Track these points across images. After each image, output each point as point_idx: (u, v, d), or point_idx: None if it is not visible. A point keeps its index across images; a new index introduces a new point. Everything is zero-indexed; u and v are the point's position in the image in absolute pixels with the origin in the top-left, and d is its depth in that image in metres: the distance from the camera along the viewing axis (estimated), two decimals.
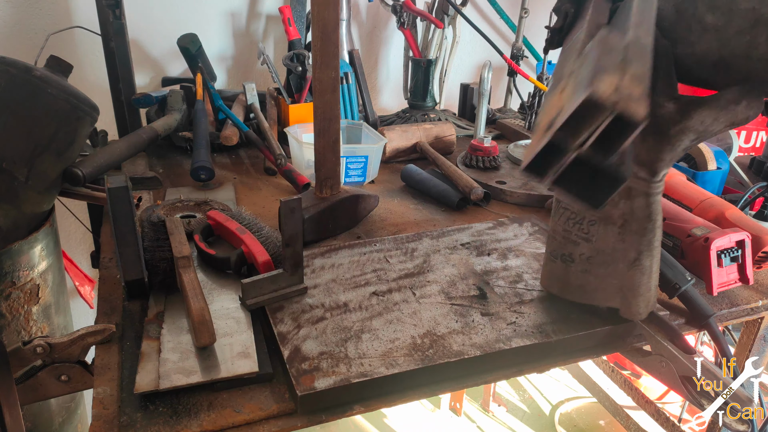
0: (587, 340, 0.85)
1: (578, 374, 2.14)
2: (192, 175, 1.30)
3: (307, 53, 1.55)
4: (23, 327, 1.12)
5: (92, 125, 1.15)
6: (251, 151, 1.56)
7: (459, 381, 0.79)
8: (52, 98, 1.04)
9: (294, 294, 0.88)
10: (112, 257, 1.01)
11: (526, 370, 0.82)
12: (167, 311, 0.85)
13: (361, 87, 1.68)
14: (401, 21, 1.81)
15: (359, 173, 1.34)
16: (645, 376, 2.22)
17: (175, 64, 1.74)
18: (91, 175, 1.13)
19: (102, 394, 0.72)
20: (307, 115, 1.54)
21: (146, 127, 1.37)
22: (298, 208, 0.83)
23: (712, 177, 1.31)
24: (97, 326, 0.80)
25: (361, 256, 1.01)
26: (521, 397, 2.45)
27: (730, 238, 0.95)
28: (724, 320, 0.96)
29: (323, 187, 1.10)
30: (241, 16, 1.79)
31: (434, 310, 0.87)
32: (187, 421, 0.68)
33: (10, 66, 1.03)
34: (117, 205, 0.81)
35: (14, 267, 1.07)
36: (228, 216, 1.02)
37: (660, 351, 0.82)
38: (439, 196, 1.28)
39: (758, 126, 2.15)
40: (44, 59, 1.11)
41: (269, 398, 0.72)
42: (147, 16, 1.67)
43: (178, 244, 0.92)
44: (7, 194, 1.03)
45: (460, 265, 0.99)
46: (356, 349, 0.78)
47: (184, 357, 0.75)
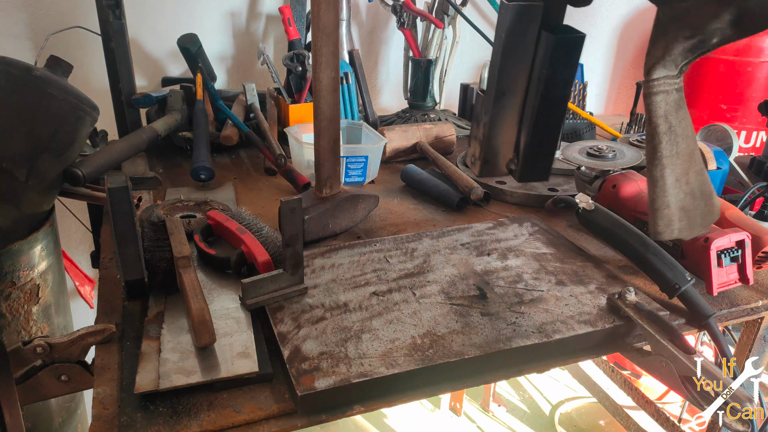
0: (587, 340, 0.85)
1: (578, 374, 2.14)
2: (192, 175, 1.30)
3: (307, 53, 1.55)
4: (23, 327, 1.12)
5: (92, 125, 1.15)
6: (251, 151, 1.56)
7: (459, 381, 0.79)
8: (52, 98, 1.04)
9: (294, 294, 0.88)
10: (112, 257, 1.01)
11: (526, 370, 0.82)
12: (167, 311, 0.85)
13: (361, 87, 1.68)
14: (401, 21, 1.81)
15: (359, 173, 1.34)
16: (645, 376, 2.22)
17: (175, 64, 1.74)
18: (91, 175, 1.13)
19: (102, 394, 0.72)
20: (307, 115, 1.54)
21: (146, 127, 1.37)
22: (298, 208, 0.83)
23: (712, 177, 1.30)
24: (97, 326, 0.80)
25: (361, 256, 1.01)
26: (521, 397, 2.45)
27: (730, 238, 0.95)
28: (724, 320, 0.96)
29: (323, 187, 1.10)
30: (241, 16, 1.79)
31: (434, 310, 0.87)
32: (187, 421, 0.68)
33: (10, 66, 1.03)
34: (117, 205, 0.81)
35: (14, 267, 1.08)
36: (228, 216, 1.02)
37: (660, 351, 0.82)
38: (439, 196, 1.28)
39: (758, 126, 2.15)
40: (44, 59, 1.11)
41: (269, 398, 0.72)
42: (147, 16, 1.67)
43: (178, 244, 0.92)
44: (7, 194, 1.03)
45: (460, 265, 0.99)
46: (356, 349, 0.78)
47: (184, 357, 0.75)
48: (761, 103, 1.48)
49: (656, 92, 0.75)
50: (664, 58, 0.74)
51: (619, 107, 2.55)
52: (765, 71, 2.07)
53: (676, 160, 0.78)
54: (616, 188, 1.13)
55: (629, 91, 2.49)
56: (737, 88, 2.11)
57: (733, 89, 2.11)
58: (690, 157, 0.79)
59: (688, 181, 0.80)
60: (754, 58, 2.05)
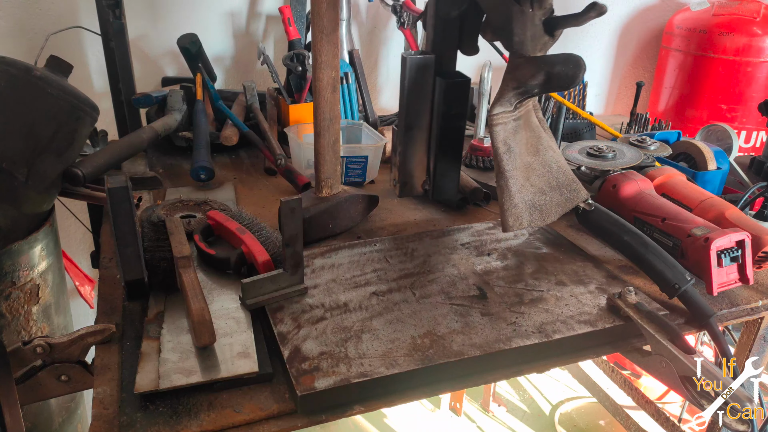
0: (587, 340, 0.85)
1: (578, 374, 2.14)
2: (192, 175, 1.30)
3: (307, 53, 1.55)
4: (23, 327, 1.12)
5: (92, 125, 1.15)
6: (251, 151, 1.56)
7: (459, 381, 0.79)
8: (52, 98, 1.04)
9: (294, 294, 0.88)
10: (112, 257, 1.01)
11: (526, 370, 0.82)
12: (167, 311, 0.85)
13: (361, 87, 1.68)
14: (401, 21, 1.81)
15: (359, 173, 1.33)
16: (645, 376, 2.22)
17: (175, 64, 1.74)
18: (91, 175, 1.13)
19: (102, 394, 0.72)
20: (307, 115, 1.54)
21: (146, 127, 1.37)
22: (298, 208, 0.83)
23: (712, 177, 1.31)
24: (97, 326, 0.80)
25: (361, 256, 1.01)
26: (521, 397, 2.45)
27: (730, 238, 0.95)
28: (724, 320, 0.96)
29: (323, 187, 1.10)
30: (241, 16, 1.79)
31: (434, 310, 0.87)
32: (187, 421, 0.68)
33: (10, 66, 1.02)
34: (117, 205, 0.81)
35: (14, 267, 1.07)
36: (228, 216, 1.02)
37: (660, 351, 0.82)
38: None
39: (758, 126, 2.15)
40: (44, 59, 1.11)
41: (269, 398, 0.72)
42: (147, 16, 1.67)
43: (178, 244, 0.92)
44: (7, 194, 1.03)
45: (460, 265, 0.99)
46: (356, 349, 0.78)
47: (184, 357, 0.75)
48: (761, 103, 1.48)
49: (496, 123, 0.99)
50: (500, 99, 0.99)
51: (619, 107, 2.55)
52: (765, 71, 2.07)
53: (517, 172, 1.01)
54: (616, 188, 1.13)
55: (629, 91, 2.49)
56: (737, 88, 2.11)
57: (733, 89, 2.11)
58: (527, 168, 1.04)
59: (531, 185, 1.03)
60: (754, 58, 2.05)
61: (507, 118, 1.00)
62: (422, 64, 1.10)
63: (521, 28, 0.94)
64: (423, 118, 1.14)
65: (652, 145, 1.36)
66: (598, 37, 2.35)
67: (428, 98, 1.12)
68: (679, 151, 1.40)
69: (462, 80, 1.11)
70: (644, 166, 1.22)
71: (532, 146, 1.06)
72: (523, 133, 1.04)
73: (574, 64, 0.95)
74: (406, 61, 1.09)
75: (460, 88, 1.10)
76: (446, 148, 1.15)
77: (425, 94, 1.12)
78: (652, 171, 1.18)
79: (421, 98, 1.12)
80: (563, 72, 0.94)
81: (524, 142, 1.04)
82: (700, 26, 2.11)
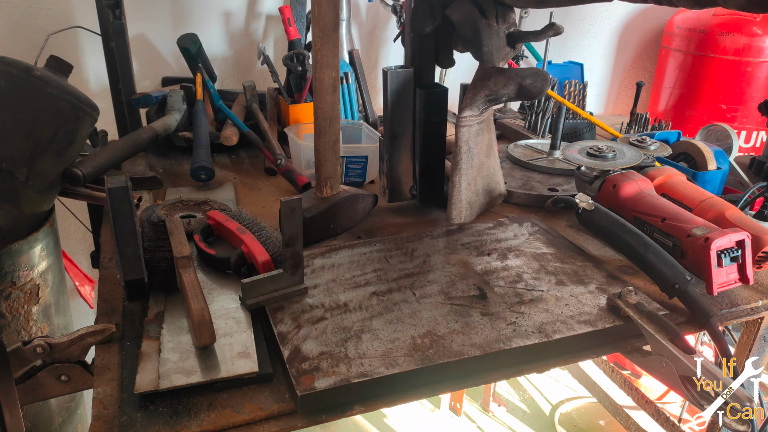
0: (587, 340, 0.85)
1: (578, 374, 2.14)
2: (192, 175, 1.30)
3: (307, 53, 1.55)
4: (23, 327, 1.12)
5: (92, 125, 1.15)
6: (251, 151, 1.56)
7: (459, 381, 0.79)
8: (52, 98, 1.04)
9: (294, 294, 0.88)
10: (112, 257, 1.01)
11: (526, 370, 0.82)
12: (167, 311, 0.85)
13: (361, 87, 1.68)
14: (401, 21, 1.81)
15: (359, 173, 1.34)
16: (645, 376, 2.22)
17: (175, 64, 1.74)
18: (91, 175, 1.13)
19: (102, 394, 0.72)
20: (307, 115, 1.54)
21: (146, 127, 1.37)
22: (298, 208, 0.83)
23: (712, 177, 1.31)
24: (97, 326, 0.80)
25: (361, 256, 1.01)
26: (521, 397, 2.45)
27: (730, 238, 0.95)
28: (724, 320, 0.96)
29: (323, 187, 1.10)
30: (240, 16, 1.79)
31: (434, 310, 0.87)
32: (187, 421, 0.68)
33: (10, 66, 1.03)
34: (117, 205, 0.81)
35: (14, 267, 1.07)
36: (228, 216, 1.02)
37: (660, 351, 0.82)
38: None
39: (758, 126, 2.15)
40: (44, 59, 1.11)
41: (269, 398, 0.72)
42: (147, 16, 1.67)
43: (178, 244, 0.92)
44: (7, 194, 1.03)
45: (460, 265, 0.99)
46: (356, 349, 0.78)
47: (184, 357, 0.75)
48: (761, 103, 1.48)
49: (463, 125, 1.09)
50: (471, 104, 1.09)
51: (619, 107, 2.55)
52: (765, 71, 2.07)
53: (470, 171, 1.12)
54: (616, 188, 1.13)
55: (629, 91, 2.49)
56: (737, 88, 2.11)
57: (733, 89, 2.11)
58: (479, 168, 1.15)
59: (475, 184, 1.16)
60: (754, 58, 2.05)
61: (473, 121, 1.10)
62: (402, 77, 1.16)
63: (489, 39, 1.06)
64: (406, 126, 1.19)
65: (652, 145, 1.36)
66: (598, 37, 2.35)
67: (410, 108, 1.18)
68: (679, 151, 1.40)
69: (440, 89, 1.17)
70: (644, 166, 1.22)
71: (489, 148, 1.18)
72: (483, 136, 1.15)
73: (542, 78, 1.07)
74: (387, 74, 1.15)
75: (439, 96, 1.17)
76: (430, 153, 1.20)
77: (407, 104, 1.18)
78: (652, 171, 1.18)
79: (404, 108, 1.18)
80: (532, 84, 1.06)
81: (484, 144, 1.15)
82: (700, 26, 2.11)
